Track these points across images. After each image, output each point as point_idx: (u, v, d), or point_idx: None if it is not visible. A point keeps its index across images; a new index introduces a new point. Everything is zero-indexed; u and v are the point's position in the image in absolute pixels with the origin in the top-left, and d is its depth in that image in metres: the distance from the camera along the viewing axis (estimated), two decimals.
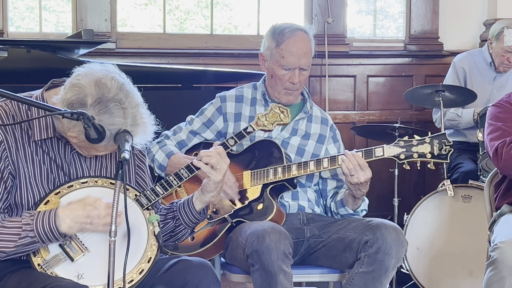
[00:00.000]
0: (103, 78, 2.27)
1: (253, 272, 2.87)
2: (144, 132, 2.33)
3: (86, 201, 2.32)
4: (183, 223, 2.59)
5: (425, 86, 4.53)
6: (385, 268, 2.91)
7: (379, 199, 5.36)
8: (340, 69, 5.45)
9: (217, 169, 2.52)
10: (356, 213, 3.19)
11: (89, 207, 2.31)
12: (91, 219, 2.31)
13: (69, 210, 2.31)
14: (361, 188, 3.02)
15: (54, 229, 2.29)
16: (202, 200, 2.57)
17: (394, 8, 5.74)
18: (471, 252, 4.04)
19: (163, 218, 2.59)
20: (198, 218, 2.60)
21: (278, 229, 2.87)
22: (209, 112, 3.30)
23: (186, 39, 5.27)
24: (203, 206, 2.59)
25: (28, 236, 2.28)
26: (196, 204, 2.57)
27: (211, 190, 2.55)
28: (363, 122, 5.41)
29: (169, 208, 2.62)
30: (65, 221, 2.29)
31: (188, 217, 2.58)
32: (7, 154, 2.33)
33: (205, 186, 2.56)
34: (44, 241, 2.30)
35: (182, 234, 2.62)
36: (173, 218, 2.59)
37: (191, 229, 2.63)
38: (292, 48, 3.19)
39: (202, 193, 2.57)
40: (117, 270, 2.19)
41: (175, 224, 2.59)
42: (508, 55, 4.70)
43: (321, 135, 3.32)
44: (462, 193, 4.11)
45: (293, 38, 3.20)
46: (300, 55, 3.19)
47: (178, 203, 2.61)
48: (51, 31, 5.20)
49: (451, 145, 2.90)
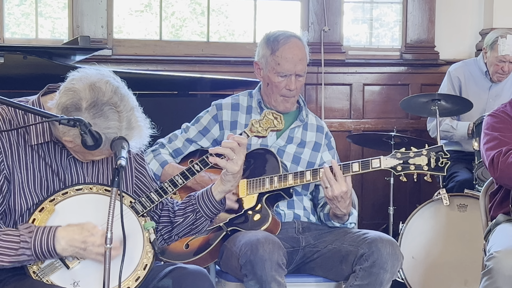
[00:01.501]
0: (97, 82, 2.26)
1: (247, 282, 2.86)
2: (140, 136, 2.33)
3: (85, 226, 2.32)
4: (204, 215, 2.61)
5: (421, 95, 4.53)
6: (380, 282, 2.92)
7: (374, 208, 5.36)
8: (336, 77, 5.45)
9: (233, 160, 2.56)
10: (344, 226, 3.18)
11: (87, 232, 2.31)
12: (86, 245, 2.30)
13: (67, 232, 2.31)
14: (338, 205, 2.98)
15: (51, 250, 2.29)
16: (222, 190, 2.61)
17: (390, 17, 5.75)
18: (467, 261, 4.04)
19: (182, 212, 2.61)
20: (219, 208, 2.63)
21: (272, 239, 2.87)
22: (205, 120, 3.30)
23: (182, 46, 5.26)
24: (222, 196, 2.63)
25: (24, 254, 2.28)
26: (216, 194, 2.61)
27: (230, 180, 2.60)
28: (359, 130, 5.41)
29: (187, 202, 2.64)
30: (60, 242, 2.29)
31: (208, 208, 2.61)
32: (2, 159, 2.33)
33: (224, 176, 2.60)
34: (39, 258, 2.31)
35: (202, 226, 2.64)
36: (193, 211, 2.61)
37: (210, 220, 2.65)
38: (288, 54, 3.19)
39: (222, 183, 2.60)
40: (113, 277, 2.19)
41: (195, 217, 2.61)
42: (502, 65, 4.70)
43: (317, 143, 3.32)
44: (457, 202, 4.11)
45: (288, 45, 3.20)
46: (295, 61, 3.19)
47: (196, 195, 2.64)
48: (46, 37, 5.19)
49: (448, 157, 2.90)
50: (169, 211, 2.63)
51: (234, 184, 2.62)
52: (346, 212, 3.06)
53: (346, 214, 3.08)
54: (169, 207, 2.64)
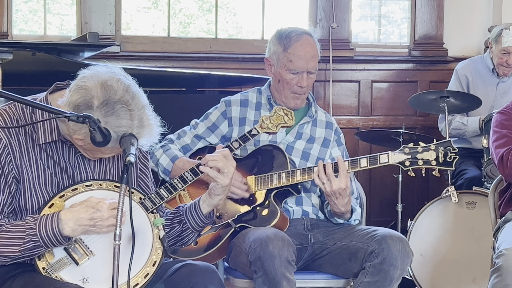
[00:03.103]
0: (109, 80, 2.26)
1: (256, 279, 2.86)
2: (150, 134, 2.33)
3: (89, 203, 2.31)
4: (190, 227, 2.58)
5: (429, 92, 4.52)
6: (390, 279, 2.91)
7: (382, 205, 5.36)
8: (344, 74, 5.45)
9: (224, 172, 2.52)
10: (348, 223, 3.18)
11: (92, 209, 2.29)
12: (94, 221, 2.29)
13: (72, 213, 2.30)
14: (336, 202, 2.99)
15: (57, 233, 2.27)
16: (210, 203, 2.57)
17: (397, 13, 5.74)
18: (475, 259, 4.03)
19: (170, 222, 2.58)
20: (205, 221, 2.59)
21: (281, 236, 2.87)
22: (214, 117, 3.30)
23: (190, 43, 5.26)
24: (210, 210, 2.58)
25: (31, 240, 2.27)
26: (203, 208, 2.57)
27: (219, 194, 2.55)
28: (367, 127, 5.40)
29: (175, 213, 2.61)
30: (68, 224, 2.28)
31: (195, 221, 2.57)
32: (11, 158, 2.33)
33: (213, 189, 2.55)
34: (48, 245, 2.29)
35: (188, 238, 2.61)
36: (180, 222, 2.58)
37: (197, 233, 2.63)
38: (300, 52, 3.18)
39: (210, 196, 2.56)
40: (122, 273, 2.19)
41: (181, 228, 2.58)
42: (507, 57, 4.67)
43: (326, 139, 3.31)
44: (466, 200, 4.10)
45: (300, 42, 3.19)
46: (307, 58, 3.19)
47: (185, 207, 2.60)
48: (54, 34, 5.19)
49: (457, 152, 2.89)
50: None
51: (222, 198, 2.57)
52: (344, 211, 3.06)
53: (345, 212, 3.08)
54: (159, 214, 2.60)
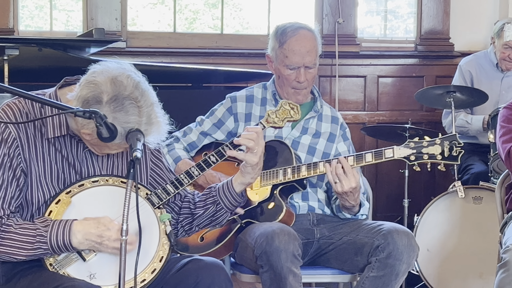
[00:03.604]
0: (119, 76, 2.26)
1: (262, 274, 2.87)
2: (158, 131, 2.33)
3: (101, 220, 2.33)
4: (224, 207, 2.61)
5: (436, 87, 4.50)
6: (396, 273, 2.91)
7: (389, 200, 5.35)
8: (350, 69, 5.44)
9: (254, 152, 2.55)
10: (355, 218, 3.18)
11: (103, 227, 2.31)
12: (102, 239, 2.31)
13: (83, 225, 2.32)
14: (348, 198, 3.00)
15: (67, 243, 2.30)
16: (242, 182, 2.61)
17: (404, 8, 5.72)
18: (482, 254, 4.03)
19: (203, 204, 2.62)
20: (239, 200, 2.63)
21: (287, 230, 2.87)
22: (220, 113, 3.30)
23: (196, 39, 5.26)
24: (243, 188, 2.62)
25: (40, 248, 2.29)
26: (236, 186, 2.60)
27: (249, 172, 2.59)
28: (373, 122, 5.39)
29: (207, 193, 2.64)
30: (76, 236, 2.30)
31: (228, 200, 2.61)
32: (19, 151, 2.33)
33: (243, 168, 2.59)
34: (55, 251, 2.31)
35: (222, 218, 2.64)
36: (214, 202, 2.61)
37: (230, 212, 2.66)
38: (295, 47, 3.17)
39: (242, 175, 2.60)
40: (129, 269, 2.19)
41: (215, 208, 2.61)
42: (509, 52, 4.65)
43: (332, 134, 3.31)
44: (473, 195, 4.09)
45: (295, 37, 3.18)
46: (303, 53, 3.18)
47: (217, 187, 2.63)
48: (60, 30, 5.20)
49: (462, 146, 2.88)
50: (189, 203, 2.63)
51: (254, 176, 2.61)
52: (355, 204, 3.06)
53: (356, 205, 3.08)
54: (190, 198, 2.64)
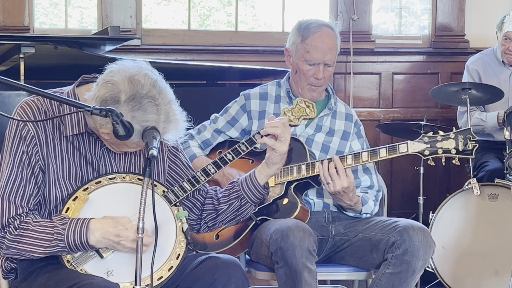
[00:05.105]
0: (136, 74, 2.26)
1: (278, 269, 2.87)
2: (176, 129, 2.34)
3: (120, 220, 2.33)
4: (249, 200, 2.61)
5: (451, 84, 4.48)
6: (412, 270, 2.90)
7: (404, 197, 5.34)
8: (365, 66, 5.43)
9: (282, 140, 2.54)
10: (360, 216, 3.18)
11: (121, 226, 2.32)
12: (119, 239, 2.32)
13: (101, 224, 2.33)
14: (342, 198, 3.01)
15: (84, 242, 2.31)
16: (267, 174, 2.60)
17: (418, 5, 5.71)
18: (497, 251, 4.01)
19: (226, 199, 2.61)
20: (263, 192, 2.62)
21: (302, 226, 2.87)
22: (233, 110, 3.30)
23: (210, 36, 5.27)
24: (267, 180, 2.62)
25: (58, 245, 2.30)
26: (260, 179, 2.60)
27: (277, 162, 2.58)
28: (388, 119, 5.39)
29: (230, 188, 2.64)
30: (94, 234, 2.31)
31: (253, 193, 2.61)
32: (37, 149, 2.35)
33: (270, 158, 2.58)
34: (73, 250, 2.32)
35: (247, 211, 2.64)
36: (238, 197, 2.61)
37: (254, 205, 2.65)
38: (318, 43, 3.18)
39: (267, 166, 2.59)
40: (146, 267, 2.20)
41: (240, 203, 2.61)
42: (508, 44, 4.62)
43: (345, 132, 3.30)
44: (488, 192, 4.08)
45: (319, 33, 3.19)
46: (325, 50, 3.18)
47: (239, 181, 2.63)
48: (74, 27, 5.22)
49: (476, 140, 2.88)
50: (212, 199, 2.63)
51: (279, 166, 2.60)
52: (351, 204, 3.07)
53: (353, 204, 3.08)
54: (212, 194, 2.64)
